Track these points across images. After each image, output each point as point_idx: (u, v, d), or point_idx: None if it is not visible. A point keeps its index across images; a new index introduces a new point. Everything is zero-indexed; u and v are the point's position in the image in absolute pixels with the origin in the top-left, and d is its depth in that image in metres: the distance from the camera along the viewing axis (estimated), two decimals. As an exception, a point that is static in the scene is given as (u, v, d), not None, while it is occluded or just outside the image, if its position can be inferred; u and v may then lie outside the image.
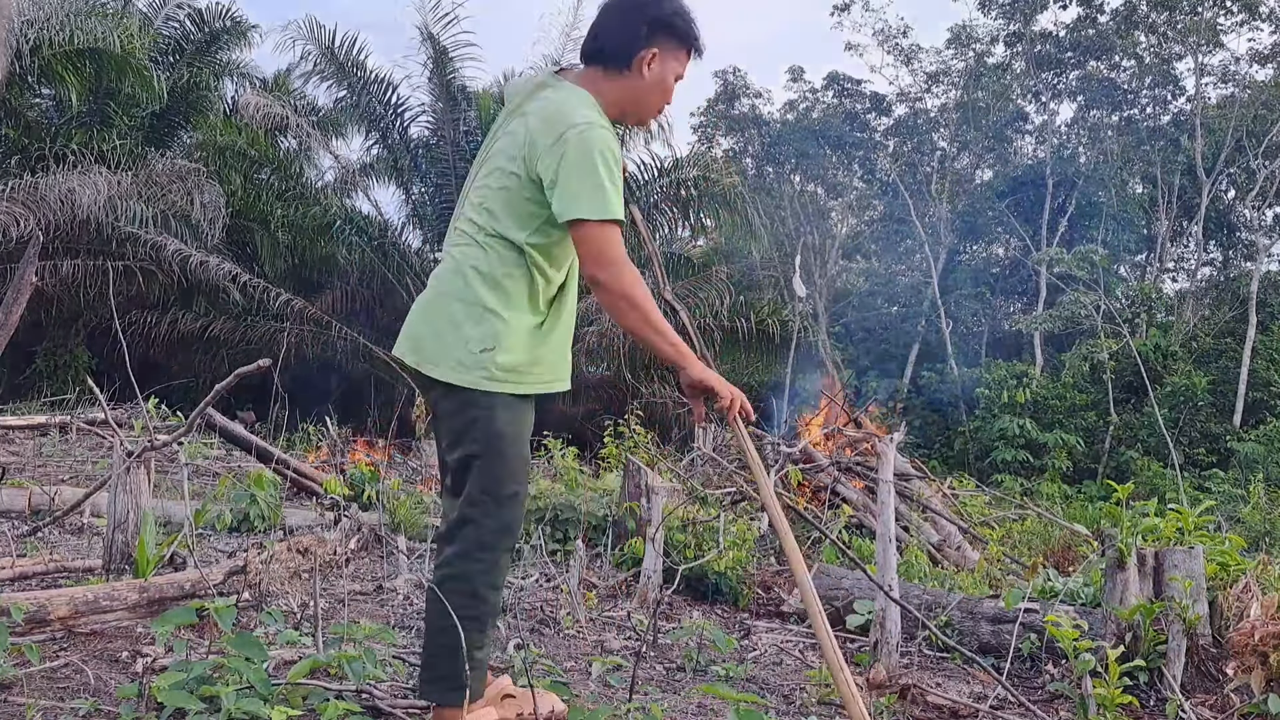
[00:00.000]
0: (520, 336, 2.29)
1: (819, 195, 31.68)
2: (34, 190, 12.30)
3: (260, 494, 5.35)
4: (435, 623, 2.28)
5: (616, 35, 2.38)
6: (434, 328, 2.36)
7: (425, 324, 2.39)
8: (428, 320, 2.39)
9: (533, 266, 2.30)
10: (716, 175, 16.47)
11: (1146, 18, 26.51)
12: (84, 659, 2.84)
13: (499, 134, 2.40)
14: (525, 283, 2.30)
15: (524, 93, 2.38)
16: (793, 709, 3.15)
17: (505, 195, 2.30)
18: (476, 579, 2.29)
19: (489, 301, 2.28)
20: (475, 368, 2.26)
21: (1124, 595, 3.49)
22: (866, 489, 6.34)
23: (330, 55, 16.01)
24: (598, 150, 2.21)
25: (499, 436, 2.29)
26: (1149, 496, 9.15)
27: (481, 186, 2.37)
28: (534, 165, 2.24)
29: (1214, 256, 29.16)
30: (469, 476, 2.29)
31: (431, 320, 2.37)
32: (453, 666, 2.26)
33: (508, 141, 2.33)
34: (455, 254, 2.36)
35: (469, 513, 2.28)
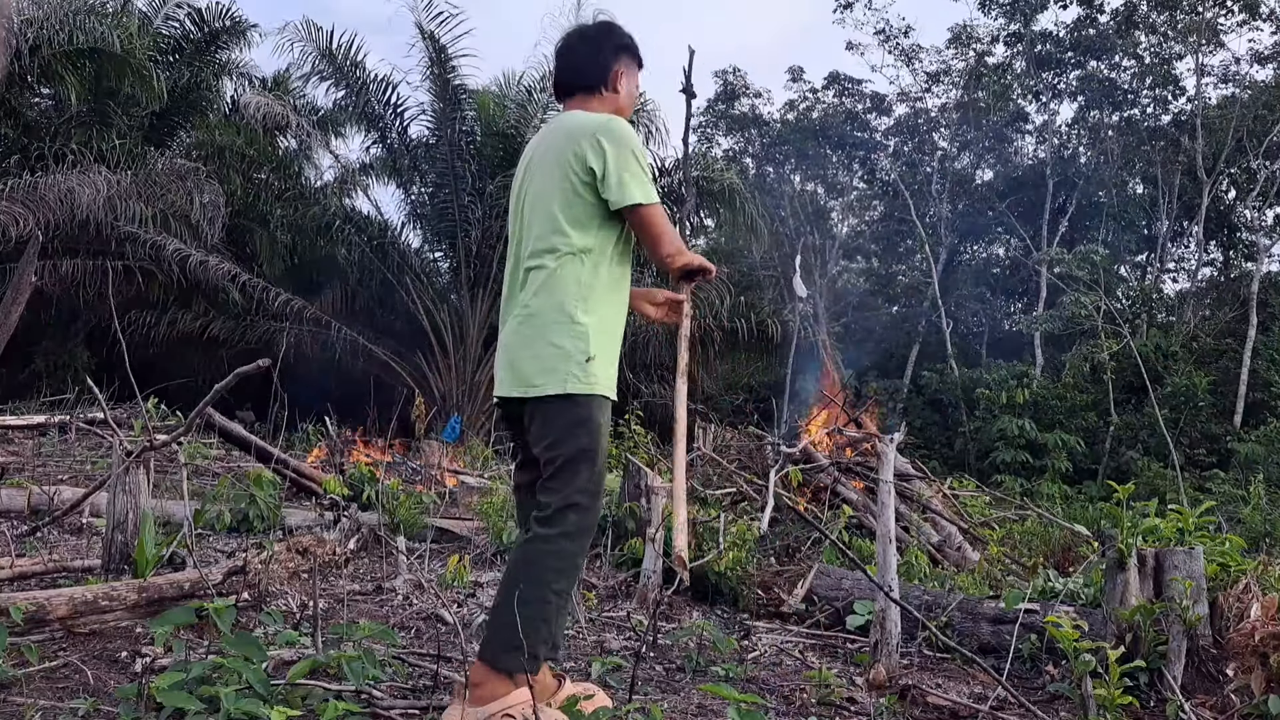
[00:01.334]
0: (601, 339, 2.57)
1: (819, 195, 31.68)
2: (33, 190, 12.30)
3: (260, 494, 5.35)
4: (529, 593, 2.43)
5: (591, 61, 2.75)
6: (533, 351, 2.56)
7: (523, 352, 2.58)
8: (526, 347, 2.58)
9: (601, 268, 2.59)
10: (716, 175, 16.48)
11: (1147, 18, 26.50)
12: (83, 659, 2.84)
13: (531, 177, 2.67)
14: (599, 287, 2.58)
15: (536, 141, 2.72)
16: (793, 709, 3.14)
17: (565, 207, 2.56)
18: (578, 557, 2.56)
19: (578, 315, 2.54)
20: (582, 376, 2.52)
21: (1124, 596, 3.49)
22: (867, 489, 6.34)
23: (328, 56, 16.02)
24: (627, 143, 2.56)
25: (600, 435, 2.57)
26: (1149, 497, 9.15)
27: (537, 215, 2.61)
28: (583, 164, 2.53)
29: (1214, 257, 29.16)
30: (573, 472, 2.52)
31: (530, 346, 2.57)
32: (536, 635, 2.44)
33: (545, 170, 2.61)
34: (533, 288, 2.58)
35: (578, 499, 2.51)
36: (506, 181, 15.78)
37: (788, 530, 5.61)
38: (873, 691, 3.30)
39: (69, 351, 15.33)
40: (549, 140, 2.67)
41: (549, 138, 2.68)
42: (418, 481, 7.62)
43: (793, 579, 4.71)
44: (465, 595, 4.26)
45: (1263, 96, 24.77)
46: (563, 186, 2.55)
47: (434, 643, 3.32)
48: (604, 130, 2.55)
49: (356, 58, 16.07)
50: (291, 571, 3.99)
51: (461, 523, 6.03)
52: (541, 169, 2.64)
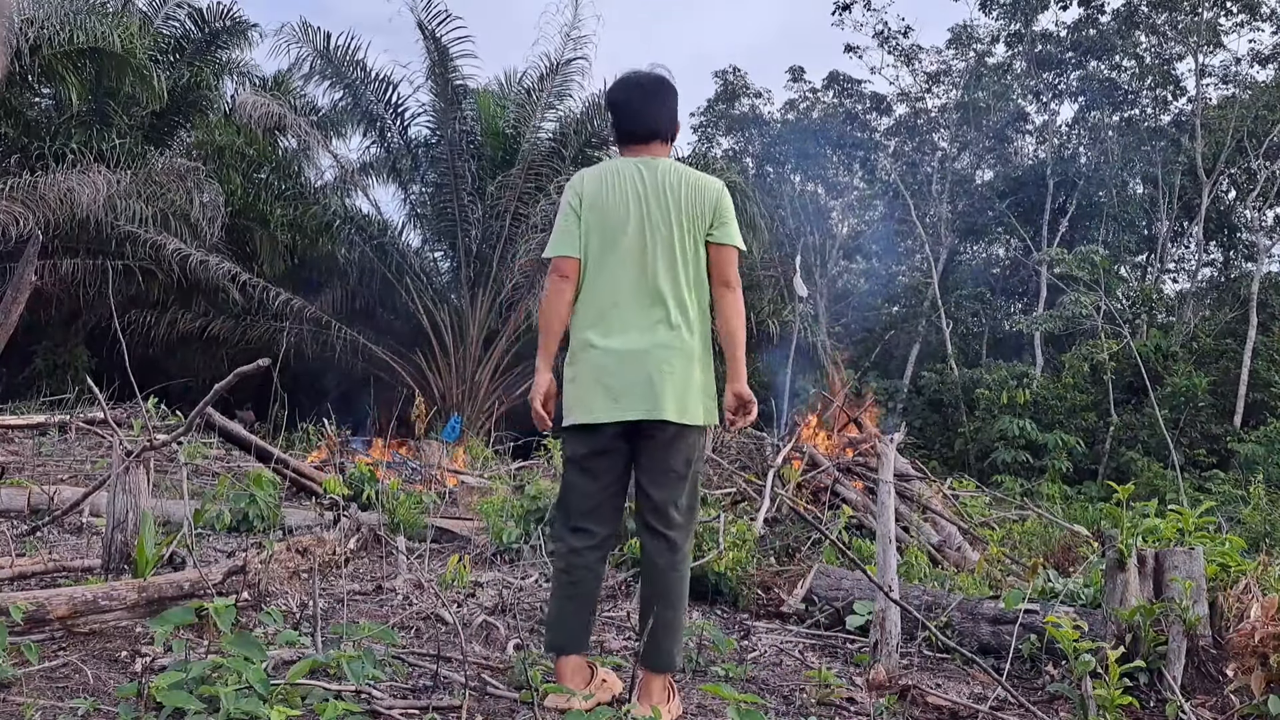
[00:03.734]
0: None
1: (819, 195, 31.65)
2: (33, 189, 12.29)
3: (259, 494, 5.34)
4: (678, 603, 2.86)
5: (674, 114, 3.07)
6: (684, 383, 2.86)
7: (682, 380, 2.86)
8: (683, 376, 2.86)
9: (706, 306, 2.96)
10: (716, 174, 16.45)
11: (1147, 18, 26.48)
12: (83, 658, 2.84)
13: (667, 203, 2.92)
14: (704, 323, 2.96)
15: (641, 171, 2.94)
16: (792, 709, 3.14)
17: (694, 250, 2.92)
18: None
19: (699, 351, 2.93)
20: (709, 411, 2.93)
21: (1124, 596, 3.49)
22: (866, 489, 6.34)
23: (326, 56, 16.01)
24: (729, 200, 3.01)
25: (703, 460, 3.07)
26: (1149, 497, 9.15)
27: (673, 241, 2.89)
28: (708, 217, 2.93)
29: (1215, 257, 29.13)
30: (688, 491, 2.90)
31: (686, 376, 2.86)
32: (680, 639, 2.93)
33: (678, 208, 2.91)
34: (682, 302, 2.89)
35: (691, 517, 2.95)
36: (506, 181, 15.79)
37: (788, 530, 5.61)
38: (873, 691, 3.30)
39: (69, 351, 15.33)
40: (681, 185, 2.93)
41: (680, 182, 2.93)
42: (418, 481, 7.62)
43: (793, 579, 4.71)
44: (465, 595, 4.26)
45: (1263, 97, 24.75)
46: (695, 236, 2.92)
47: (434, 643, 3.32)
48: (721, 190, 3.00)
49: (356, 58, 16.08)
50: (291, 571, 3.99)
51: (461, 523, 6.03)
52: (680, 209, 2.91)
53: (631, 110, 3.03)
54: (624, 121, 3.03)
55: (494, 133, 16.94)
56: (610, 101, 3.12)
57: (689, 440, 2.87)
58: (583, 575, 2.87)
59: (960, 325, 28.00)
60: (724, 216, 2.96)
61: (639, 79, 3.10)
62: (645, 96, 3.06)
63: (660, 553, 2.85)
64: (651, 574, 2.87)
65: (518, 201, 15.76)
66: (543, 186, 15.54)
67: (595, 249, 2.89)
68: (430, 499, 6.57)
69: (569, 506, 2.92)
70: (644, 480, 2.89)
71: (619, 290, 2.87)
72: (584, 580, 2.88)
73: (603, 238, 2.89)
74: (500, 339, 16.18)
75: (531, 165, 15.81)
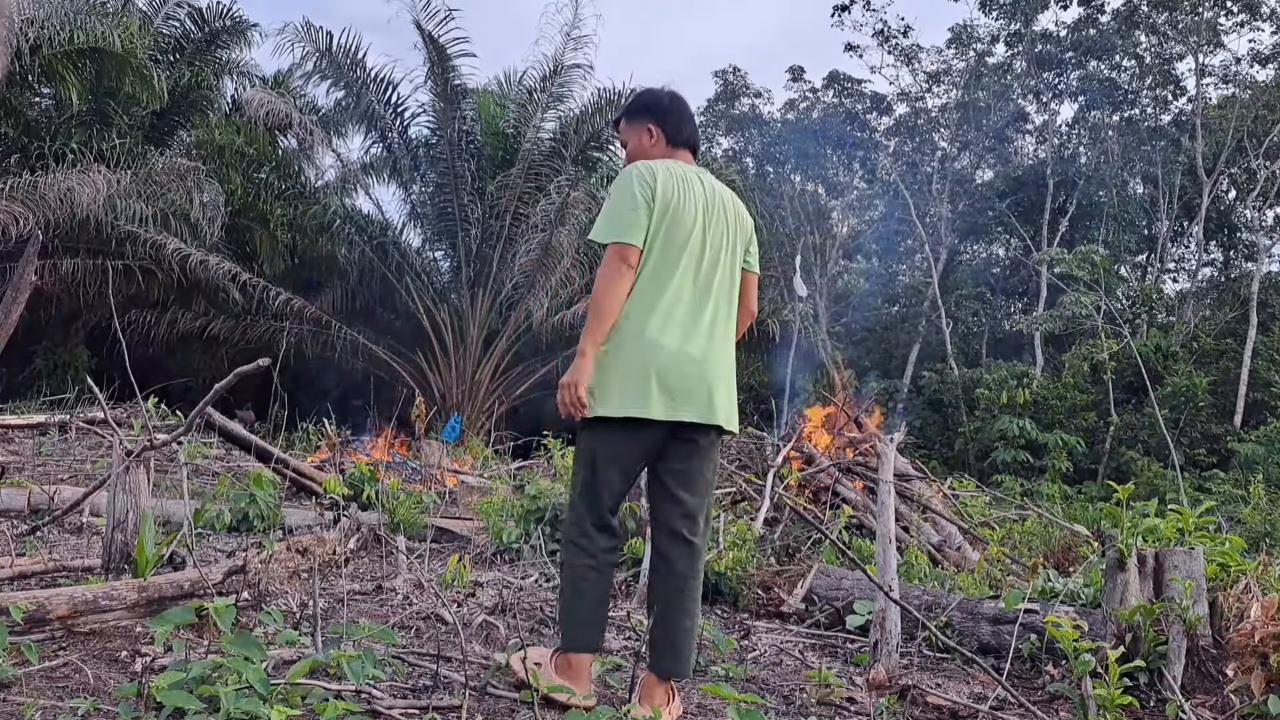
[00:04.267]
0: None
1: (819, 195, 31.65)
2: (33, 189, 12.29)
3: (259, 494, 5.34)
4: (696, 609, 2.89)
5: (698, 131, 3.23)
6: (731, 392, 2.97)
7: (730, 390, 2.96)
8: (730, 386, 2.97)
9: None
10: (715, 171, 16.44)
11: (1147, 18, 26.48)
12: (83, 658, 2.84)
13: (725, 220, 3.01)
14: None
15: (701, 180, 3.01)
16: (792, 709, 3.14)
17: (736, 268, 3.04)
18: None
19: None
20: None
21: (1124, 596, 3.49)
22: (866, 489, 6.34)
23: (328, 56, 16.02)
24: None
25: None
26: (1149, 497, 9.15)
27: (732, 261, 3.01)
28: (745, 242, 3.09)
29: (1215, 257, 29.13)
30: (711, 496, 2.98)
31: (731, 386, 2.97)
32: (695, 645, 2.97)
33: (733, 228, 3.02)
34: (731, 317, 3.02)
35: (709, 523, 2.99)
36: (506, 181, 15.79)
37: (788, 530, 5.61)
38: (873, 691, 3.30)
39: (69, 351, 15.33)
40: (729, 202, 3.05)
41: (727, 199, 3.05)
42: (418, 481, 7.62)
43: (793, 579, 4.71)
44: (465, 595, 4.26)
45: (1263, 97, 24.75)
46: (739, 256, 3.05)
47: (434, 643, 3.32)
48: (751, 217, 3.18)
49: (357, 57, 16.09)
50: (291, 571, 3.99)
51: (461, 522, 6.03)
52: (732, 227, 3.02)
53: (687, 116, 3.12)
54: (683, 126, 3.10)
55: (494, 133, 16.94)
56: (663, 106, 3.11)
57: (719, 448, 2.99)
58: (610, 573, 2.88)
59: (960, 325, 28.00)
60: (755, 244, 3.14)
61: (679, 93, 3.18)
62: (689, 114, 3.17)
63: (683, 558, 2.85)
64: (673, 580, 2.84)
65: (518, 201, 15.76)
66: (543, 186, 15.54)
67: (661, 245, 2.85)
68: (430, 499, 6.57)
69: (598, 502, 2.84)
70: (675, 484, 2.87)
71: (682, 291, 2.87)
72: (610, 578, 2.90)
73: (670, 236, 2.86)
74: (500, 339, 16.18)
75: (532, 165, 15.82)
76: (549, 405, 15.35)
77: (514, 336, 16.07)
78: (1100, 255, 21.07)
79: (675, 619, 2.80)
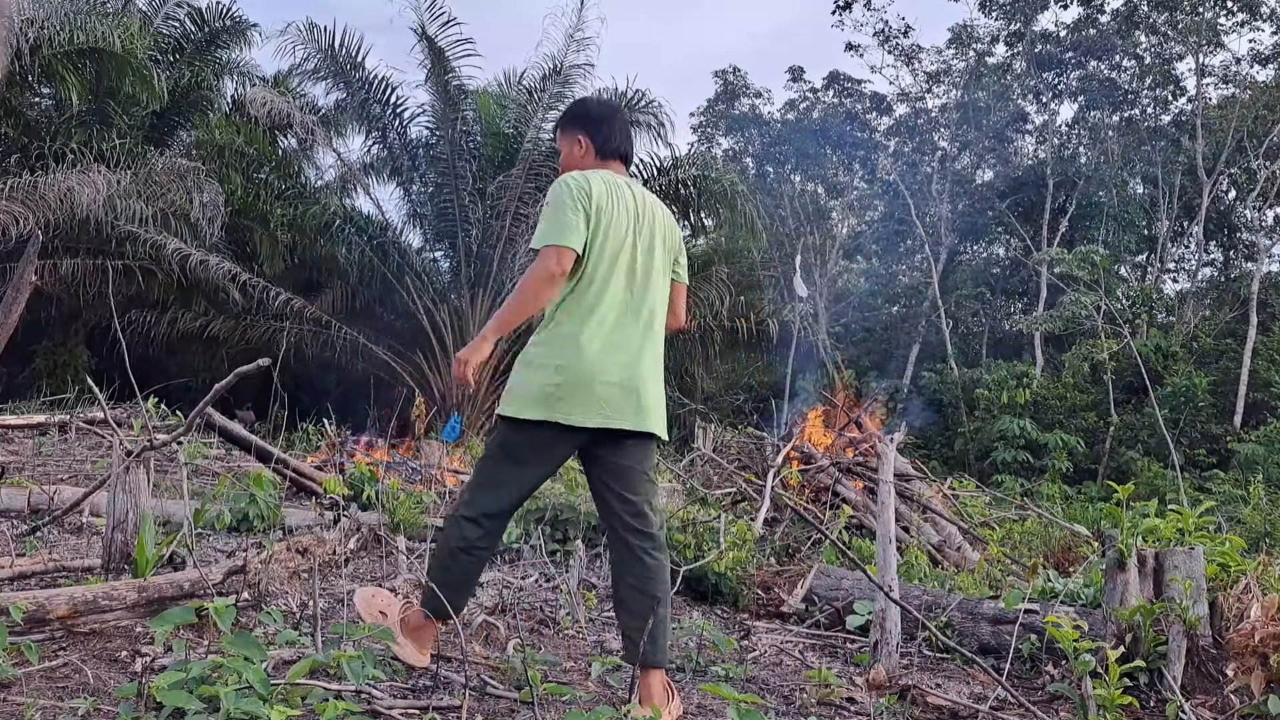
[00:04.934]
0: None
1: (819, 195, 31.65)
2: (33, 189, 12.28)
3: (259, 494, 5.34)
4: (667, 597, 2.95)
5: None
6: (661, 399, 3.04)
7: (659, 396, 3.03)
8: (659, 392, 3.04)
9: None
10: (716, 175, 16.46)
11: (1147, 18, 26.48)
12: (83, 658, 2.84)
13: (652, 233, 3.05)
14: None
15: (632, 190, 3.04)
16: (792, 709, 3.14)
17: (667, 277, 3.10)
18: None
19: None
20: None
21: (1124, 596, 3.49)
22: (866, 489, 6.34)
23: (330, 56, 16.02)
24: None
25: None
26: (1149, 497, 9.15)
27: (658, 278, 3.05)
28: (674, 253, 3.15)
29: (1214, 257, 29.13)
30: (657, 489, 3.10)
31: (660, 394, 3.04)
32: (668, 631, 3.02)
33: (662, 239, 3.07)
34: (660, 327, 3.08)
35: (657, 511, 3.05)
36: (506, 181, 15.79)
37: (788, 530, 5.61)
38: (873, 691, 3.30)
39: (69, 351, 15.33)
40: (658, 213, 3.10)
41: (656, 210, 3.10)
42: (418, 481, 7.62)
43: (793, 579, 4.71)
44: (465, 595, 4.25)
45: (1263, 97, 24.75)
46: (668, 259, 3.10)
47: (434, 643, 3.32)
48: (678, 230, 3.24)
49: (358, 58, 16.09)
50: (291, 571, 3.99)
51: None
52: (660, 238, 3.07)
53: (619, 127, 3.15)
54: (614, 136, 3.12)
55: (494, 133, 16.94)
56: (593, 116, 3.17)
57: (654, 451, 3.10)
58: (483, 558, 2.99)
59: (960, 325, 28.01)
60: (684, 255, 3.22)
61: (613, 103, 3.29)
62: (624, 120, 3.23)
63: (649, 551, 2.93)
64: (642, 572, 2.91)
65: (518, 202, 15.76)
66: (543, 187, 15.52)
67: (595, 255, 2.90)
68: (430, 499, 6.57)
69: (499, 497, 2.95)
70: (619, 486, 2.96)
71: (615, 301, 2.93)
72: (482, 561, 3.01)
73: (604, 246, 2.91)
74: (500, 339, 16.14)
75: (532, 166, 15.81)
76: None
77: (514, 337, 16.02)
78: (1100, 255, 21.08)
79: (650, 609, 2.86)
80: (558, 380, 2.85)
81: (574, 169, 3.06)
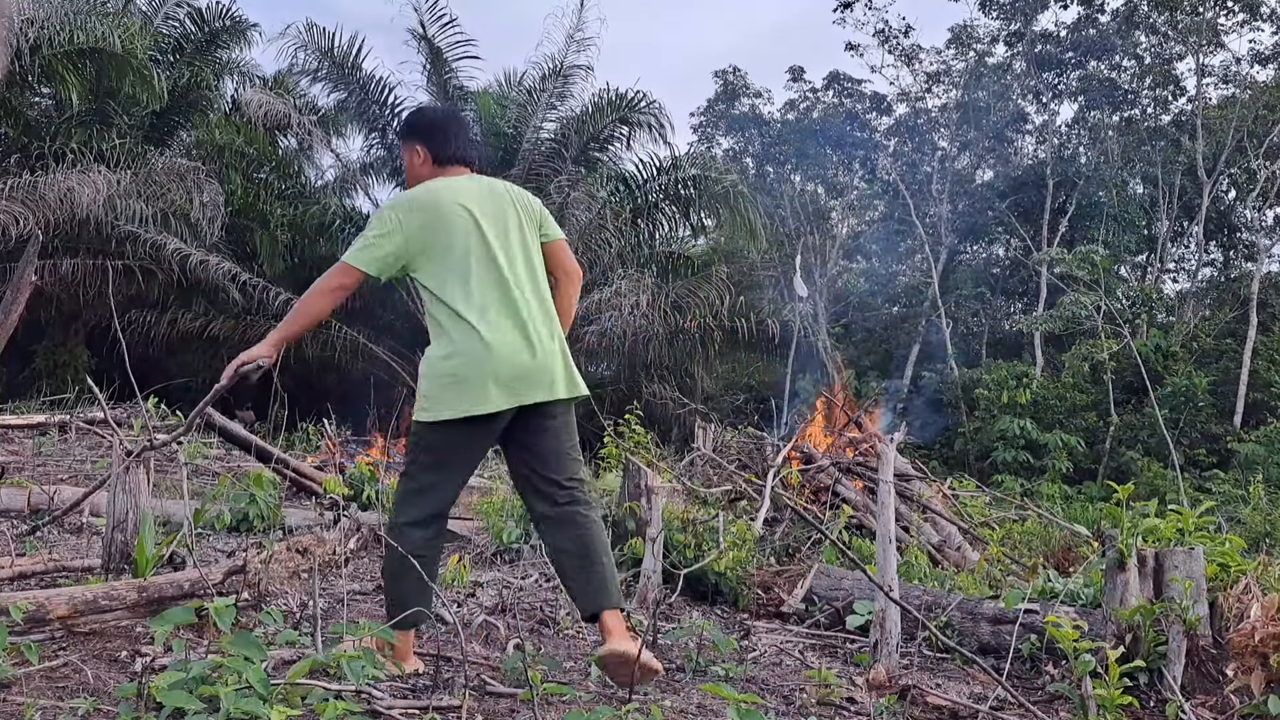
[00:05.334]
0: None
1: (819, 195, 31.64)
2: (33, 189, 12.28)
3: (259, 494, 5.34)
4: (607, 549, 3.08)
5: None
6: (567, 358, 3.13)
7: (561, 354, 3.10)
8: (560, 349, 3.11)
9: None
10: (716, 175, 16.46)
11: (1147, 18, 26.47)
12: (83, 658, 2.84)
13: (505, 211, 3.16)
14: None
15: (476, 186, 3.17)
16: (792, 709, 3.14)
17: (532, 247, 3.19)
18: None
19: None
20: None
21: (1124, 596, 3.49)
22: (866, 489, 6.34)
23: (330, 56, 16.02)
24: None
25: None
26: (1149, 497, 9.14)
27: (523, 244, 3.16)
28: (539, 216, 3.27)
29: (1215, 257, 29.11)
30: (579, 455, 3.17)
31: (565, 354, 3.13)
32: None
33: (515, 214, 3.18)
34: (543, 295, 3.16)
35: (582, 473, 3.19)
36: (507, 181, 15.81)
37: (788, 530, 5.61)
38: (873, 691, 3.30)
39: (69, 351, 15.32)
40: (509, 194, 3.21)
41: (507, 192, 3.21)
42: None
43: (793, 579, 4.71)
44: (465, 595, 4.26)
45: (1263, 97, 24.74)
46: (531, 230, 3.21)
47: (434, 643, 3.32)
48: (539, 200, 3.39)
49: (357, 59, 16.09)
50: (291, 571, 3.99)
51: (461, 522, 6.02)
52: (515, 214, 3.18)
53: (454, 132, 3.25)
54: (450, 143, 3.21)
55: (494, 133, 16.94)
56: (426, 125, 3.28)
57: (574, 415, 3.18)
58: (435, 557, 3.12)
59: (960, 325, 27.99)
60: (549, 217, 3.32)
61: (452, 109, 3.45)
62: (463, 125, 3.36)
63: (583, 515, 3.08)
64: (581, 534, 3.05)
65: (518, 201, 15.76)
66: (543, 187, 15.54)
67: (442, 258, 3.03)
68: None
69: (433, 501, 3.04)
70: (545, 464, 3.08)
71: (486, 289, 3.03)
72: (435, 560, 3.13)
73: (448, 248, 3.05)
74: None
75: (532, 166, 15.81)
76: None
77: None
78: (1100, 255, 21.07)
79: (595, 561, 3.02)
80: (461, 375, 2.95)
81: (416, 178, 3.20)
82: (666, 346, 15.91)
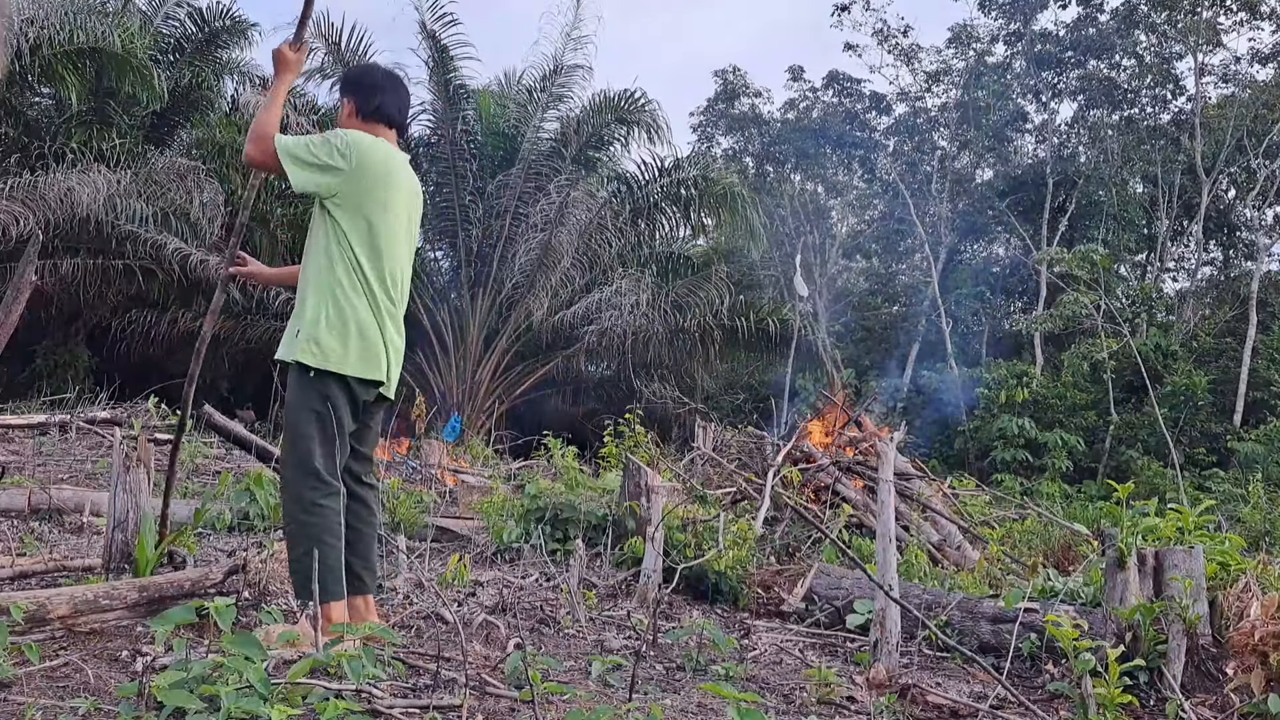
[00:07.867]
0: None
1: (819, 195, 31.65)
2: (34, 189, 12.28)
3: (259, 493, 5.35)
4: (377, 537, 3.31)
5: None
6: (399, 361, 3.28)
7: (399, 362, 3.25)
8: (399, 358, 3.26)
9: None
10: (717, 175, 16.47)
11: (1146, 17, 26.47)
12: (84, 658, 2.84)
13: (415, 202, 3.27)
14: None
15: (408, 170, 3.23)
16: (793, 708, 3.15)
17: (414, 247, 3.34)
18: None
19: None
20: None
21: (1124, 595, 3.49)
22: (866, 489, 6.34)
23: (336, 52, 16.03)
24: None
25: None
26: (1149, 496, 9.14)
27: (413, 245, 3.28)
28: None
29: (1214, 256, 29.11)
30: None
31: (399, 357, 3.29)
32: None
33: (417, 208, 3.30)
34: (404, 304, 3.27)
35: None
36: (506, 181, 15.80)
37: (788, 529, 5.61)
38: (873, 690, 3.30)
39: (69, 351, 15.31)
40: (418, 189, 3.29)
41: (416, 184, 3.28)
42: (418, 481, 7.62)
43: (793, 578, 4.71)
44: (465, 594, 4.26)
45: (1263, 96, 24.73)
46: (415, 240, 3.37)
47: (434, 642, 3.32)
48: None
49: (362, 55, 16.08)
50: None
51: (462, 522, 6.03)
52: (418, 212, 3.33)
53: (380, 87, 3.24)
54: (373, 97, 3.21)
55: (495, 132, 16.94)
56: (353, 79, 3.33)
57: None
58: (335, 516, 3.06)
59: (960, 324, 27.99)
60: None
61: (392, 72, 3.37)
62: (378, 75, 3.35)
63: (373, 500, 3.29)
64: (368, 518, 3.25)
65: (518, 201, 15.76)
66: (543, 186, 15.54)
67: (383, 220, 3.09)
68: (430, 498, 6.57)
69: (337, 449, 3.06)
70: (362, 443, 3.23)
71: (397, 269, 3.16)
72: (337, 517, 3.07)
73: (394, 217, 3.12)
74: (500, 339, 16.17)
75: (532, 165, 15.82)
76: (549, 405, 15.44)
77: (514, 336, 16.06)
78: (1100, 254, 21.07)
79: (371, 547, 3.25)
80: (366, 340, 3.06)
81: (345, 129, 3.18)
82: (666, 346, 15.92)
